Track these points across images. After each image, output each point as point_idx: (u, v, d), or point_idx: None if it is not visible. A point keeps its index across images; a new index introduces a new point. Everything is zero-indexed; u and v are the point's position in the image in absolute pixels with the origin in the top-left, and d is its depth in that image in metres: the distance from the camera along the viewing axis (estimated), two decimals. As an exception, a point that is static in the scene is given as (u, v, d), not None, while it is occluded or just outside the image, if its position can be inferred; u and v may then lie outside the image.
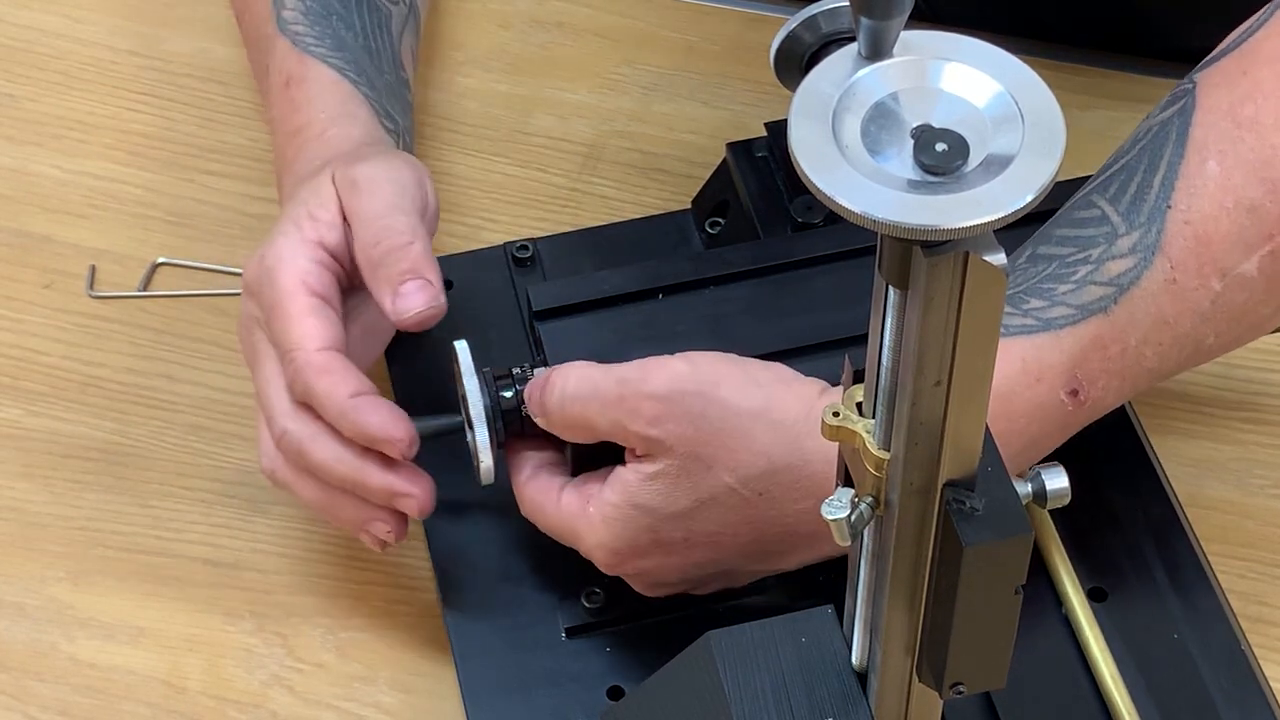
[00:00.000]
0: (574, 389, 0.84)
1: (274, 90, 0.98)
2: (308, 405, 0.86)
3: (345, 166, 0.89)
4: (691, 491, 0.82)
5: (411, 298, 0.86)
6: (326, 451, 0.86)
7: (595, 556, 0.86)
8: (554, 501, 0.86)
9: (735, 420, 0.81)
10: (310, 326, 0.85)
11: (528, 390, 0.86)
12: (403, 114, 0.99)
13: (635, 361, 0.83)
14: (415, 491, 0.86)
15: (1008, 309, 0.79)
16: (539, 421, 0.85)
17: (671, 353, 0.83)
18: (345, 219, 0.88)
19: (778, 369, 0.83)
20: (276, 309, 0.86)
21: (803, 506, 0.81)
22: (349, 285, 0.89)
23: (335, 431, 0.85)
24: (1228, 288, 0.82)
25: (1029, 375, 0.81)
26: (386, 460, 0.85)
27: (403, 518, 0.87)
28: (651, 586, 0.87)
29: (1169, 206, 0.81)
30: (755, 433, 0.81)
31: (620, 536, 0.84)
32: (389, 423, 0.84)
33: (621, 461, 0.84)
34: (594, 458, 0.85)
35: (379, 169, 0.89)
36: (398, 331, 0.92)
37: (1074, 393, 0.82)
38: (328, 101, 0.96)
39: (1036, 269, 0.83)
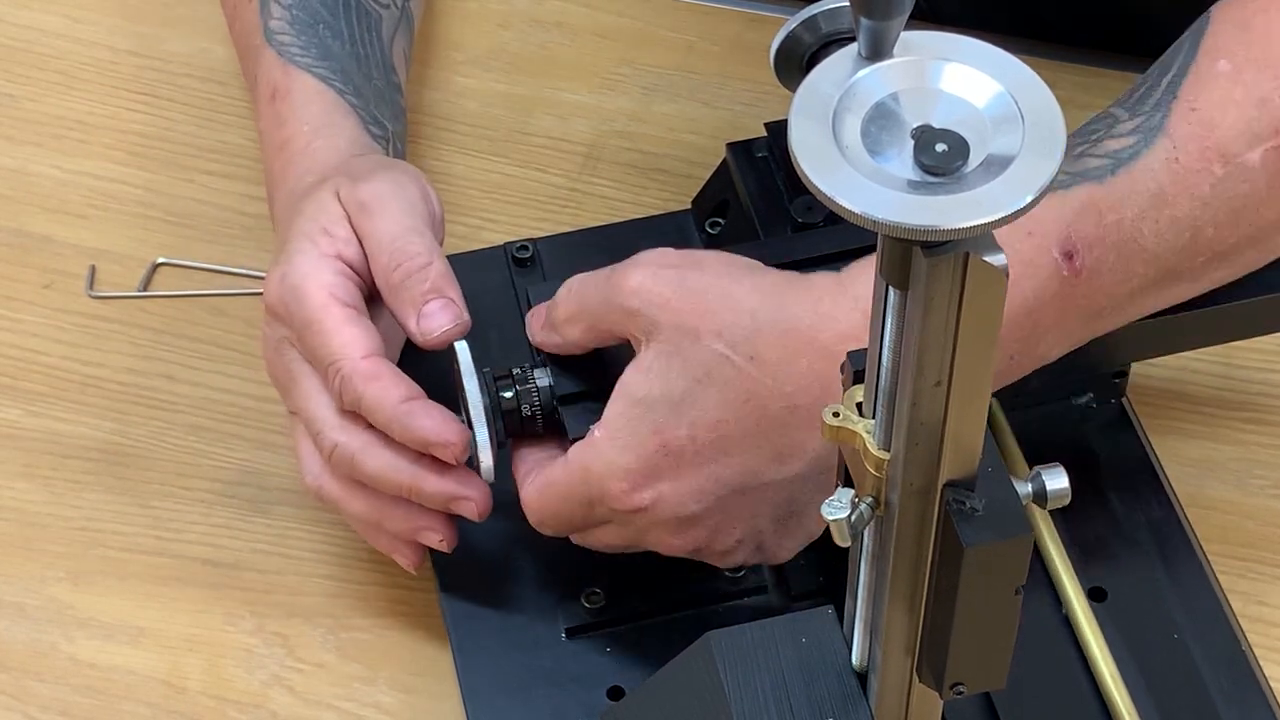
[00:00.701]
0: (578, 283, 0.86)
1: (261, 102, 0.98)
2: (355, 416, 0.86)
3: (350, 185, 0.89)
4: (684, 369, 0.81)
5: (435, 317, 0.86)
6: (380, 460, 0.86)
7: (609, 488, 0.83)
8: (560, 463, 0.85)
9: (716, 283, 0.82)
10: (350, 335, 0.86)
11: (529, 317, 0.88)
12: (392, 119, 0.99)
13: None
14: (472, 494, 0.86)
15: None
16: (540, 339, 0.87)
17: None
18: (358, 237, 0.88)
19: (758, 262, 0.84)
20: (312, 324, 0.86)
21: (797, 367, 0.81)
22: (368, 298, 0.89)
23: (386, 439, 0.86)
24: (1229, 175, 0.82)
25: (1020, 228, 0.80)
26: (440, 465, 0.86)
27: (453, 525, 0.88)
28: (672, 526, 0.84)
29: (1175, 97, 0.83)
30: (737, 294, 0.81)
31: (628, 447, 0.82)
32: (442, 426, 0.84)
33: None
34: None
35: (384, 186, 0.89)
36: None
37: (1069, 255, 0.81)
38: (312, 113, 0.96)
39: None
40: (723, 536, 0.85)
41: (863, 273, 0.82)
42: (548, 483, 0.86)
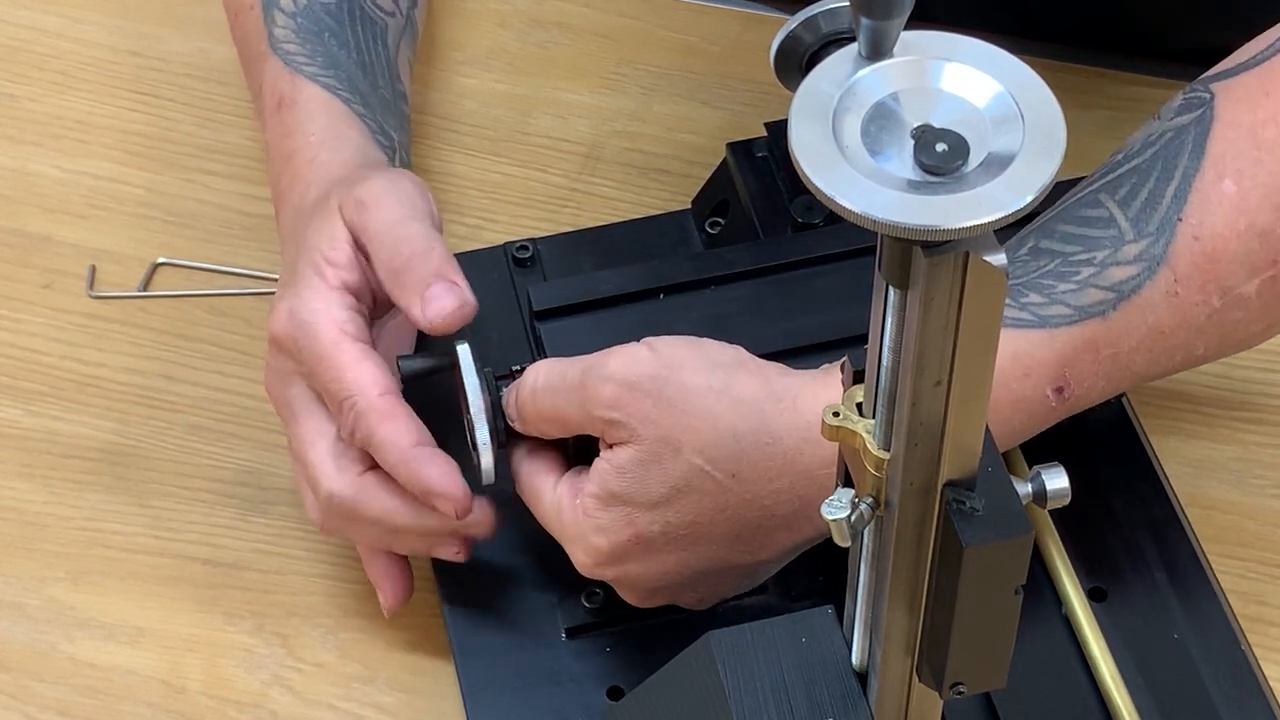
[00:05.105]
0: (544, 381, 0.84)
1: (267, 112, 0.98)
2: (351, 459, 0.86)
3: (347, 191, 0.89)
4: (664, 479, 0.81)
5: (440, 301, 0.86)
6: (381, 505, 0.87)
7: (576, 556, 0.85)
8: (550, 486, 0.86)
9: (698, 400, 0.81)
10: (366, 372, 0.85)
11: (505, 395, 0.86)
12: (398, 128, 0.99)
13: (603, 351, 0.83)
14: (480, 519, 0.87)
15: (1006, 301, 0.80)
16: (516, 426, 0.86)
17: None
18: (358, 248, 0.88)
19: (737, 351, 0.83)
20: (325, 360, 0.86)
21: (777, 485, 0.81)
22: (371, 317, 0.89)
23: (382, 483, 0.86)
24: (1226, 305, 0.82)
25: (1018, 369, 0.81)
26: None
27: (467, 538, 0.88)
28: (638, 594, 0.86)
29: (1180, 219, 0.81)
30: (719, 411, 0.81)
31: (601, 530, 0.83)
32: (447, 478, 0.84)
33: None
34: (593, 448, 0.85)
35: (380, 184, 0.89)
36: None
37: (1059, 390, 0.82)
38: (318, 123, 0.95)
39: (1038, 263, 0.83)
40: (684, 598, 0.87)
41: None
42: (536, 496, 0.86)
